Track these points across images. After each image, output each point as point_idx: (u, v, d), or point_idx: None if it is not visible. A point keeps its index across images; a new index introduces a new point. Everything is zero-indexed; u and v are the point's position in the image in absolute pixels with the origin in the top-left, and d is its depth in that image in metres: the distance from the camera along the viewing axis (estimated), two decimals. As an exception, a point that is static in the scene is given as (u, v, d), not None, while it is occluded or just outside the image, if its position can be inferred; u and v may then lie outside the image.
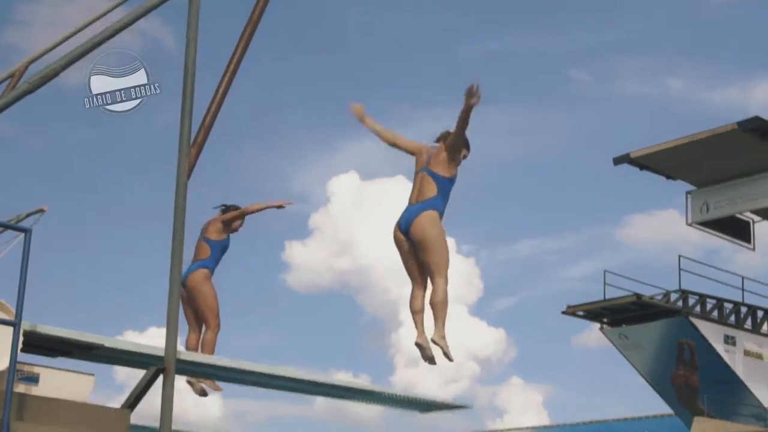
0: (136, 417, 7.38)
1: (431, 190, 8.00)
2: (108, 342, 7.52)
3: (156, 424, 6.84)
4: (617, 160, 21.78)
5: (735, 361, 21.91)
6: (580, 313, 22.52)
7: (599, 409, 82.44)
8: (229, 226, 10.31)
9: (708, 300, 22.24)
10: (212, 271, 10.08)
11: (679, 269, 21.98)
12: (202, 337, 10.11)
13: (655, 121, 59.55)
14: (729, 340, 21.95)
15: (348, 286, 73.46)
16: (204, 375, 9.19)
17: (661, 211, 67.13)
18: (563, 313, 22.53)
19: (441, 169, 8.02)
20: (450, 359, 7.94)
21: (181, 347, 7.19)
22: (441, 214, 8.03)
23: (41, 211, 6.61)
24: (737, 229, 23.23)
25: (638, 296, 21.44)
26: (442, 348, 7.90)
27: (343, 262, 68.63)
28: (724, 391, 21.93)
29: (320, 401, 69.05)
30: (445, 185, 8.03)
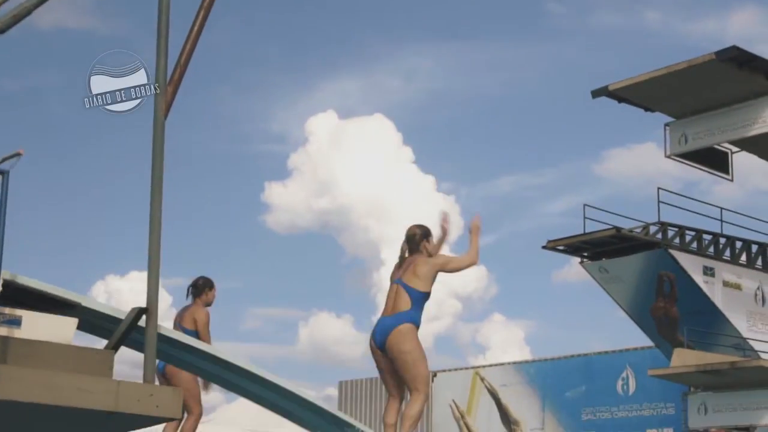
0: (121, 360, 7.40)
1: (405, 303, 7.88)
2: (85, 301, 7.58)
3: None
4: (595, 93, 21.75)
5: (714, 291, 22.07)
6: (560, 247, 22.61)
7: (580, 344, 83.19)
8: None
9: (687, 232, 22.35)
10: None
11: (658, 202, 22.07)
12: (182, 424, 10.15)
13: (632, 53, 59.50)
14: (708, 272, 22.10)
15: (328, 226, 73.50)
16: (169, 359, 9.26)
17: (640, 145, 67.27)
18: (543, 248, 22.61)
19: (417, 283, 7.95)
20: None
21: (163, 290, 7.18)
22: (417, 327, 7.88)
23: (18, 154, 6.53)
24: (715, 160, 23.29)
25: (617, 229, 21.52)
26: None
27: (323, 202, 68.63)
28: (704, 322, 22.11)
29: (302, 343, 69.22)
30: (420, 299, 7.94)
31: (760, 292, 22.98)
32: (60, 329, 6.94)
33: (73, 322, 7.02)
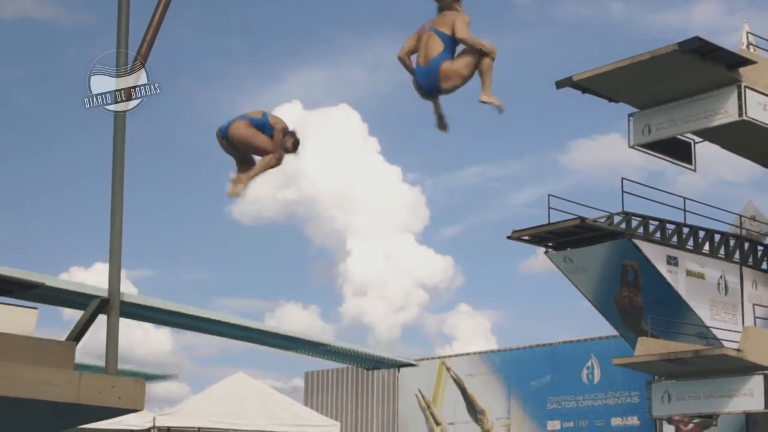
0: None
1: (437, 46, 7.79)
2: (49, 281, 7.48)
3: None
4: (559, 84, 21.81)
5: (677, 281, 22.22)
6: (525, 237, 22.69)
7: (546, 333, 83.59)
8: None
9: (651, 221, 22.47)
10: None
11: (622, 192, 22.18)
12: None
13: (596, 44, 59.73)
14: (671, 261, 22.24)
15: (294, 216, 73.36)
16: (145, 318, 9.06)
17: (604, 136, 67.55)
18: (508, 237, 22.68)
19: (447, 30, 7.83)
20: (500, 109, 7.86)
21: (128, 281, 7.15)
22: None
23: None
24: (679, 151, 23.43)
25: (582, 219, 21.61)
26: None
27: (289, 193, 68.44)
28: (667, 311, 22.26)
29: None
30: (450, 42, 7.80)
31: (722, 281, 23.15)
32: (21, 321, 6.90)
33: (34, 313, 6.98)
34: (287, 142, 8.91)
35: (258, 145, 8.71)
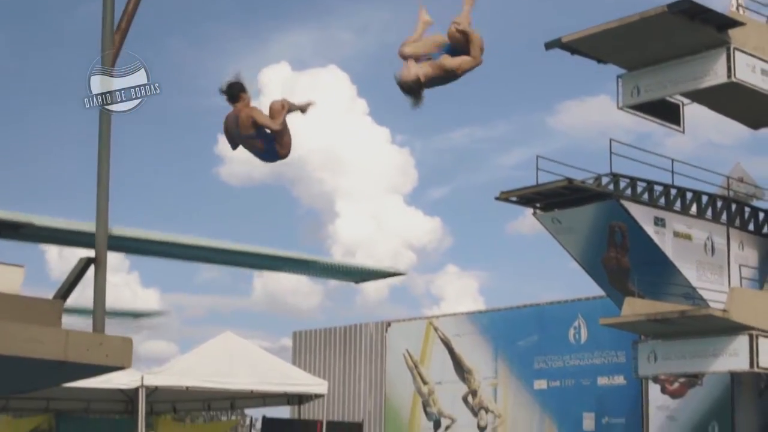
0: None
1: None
2: (37, 220, 7.46)
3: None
4: (548, 45, 21.76)
5: (665, 242, 22.29)
6: (513, 198, 22.70)
7: (533, 294, 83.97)
8: None
9: (638, 183, 22.51)
10: None
11: (610, 153, 22.19)
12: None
13: (586, 5, 59.53)
14: (659, 222, 22.30)
15: (283, 178, 73.27)
16: (137, 250, 9.00)
17: (593, 97, 67.51)
18: (496, 198, 22.69)
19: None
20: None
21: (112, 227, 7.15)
22: None
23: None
24: (667, 112, 23.43)
25: (570, 180, 21.63)
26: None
27: (277, 154, 68.15)
28: (654, 271, 22.35)
29: (257, 293, 69.12)
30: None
31: (709, 242, 23.24)
32: (7, 279, 6.89)
33: (20, 271, 6.98)
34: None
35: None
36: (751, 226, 24.53)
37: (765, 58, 21.43)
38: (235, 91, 7.97)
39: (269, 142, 7.78)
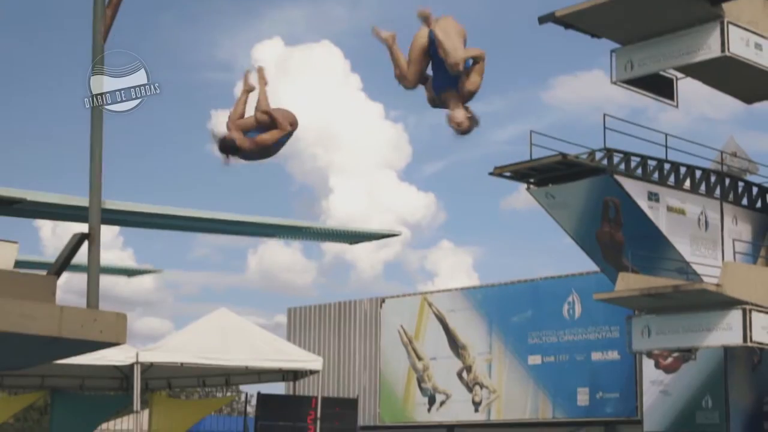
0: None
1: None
2: (30, 195, 7.44)
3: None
4: (542, 19, 21.68)
5: (658, 217, 22.30)
6: (507, 174, 22.68)
7: (527, 269, 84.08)
8: None
9: (632, 158, 22.49)
10: None
11: (604, 128, 22.16)
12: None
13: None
14: (653, 197, 22.30)
15: (276, 154, 73.22)
16: (132, 223, 8.97)
17: (587, 72, 67.41)
18: (490, 174, 22.67)
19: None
20: None
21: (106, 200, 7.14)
22: None
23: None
24: (661, 87, 23.39)
25: (564, 155, 21.61)
26: None
27: (271, 131, 68.10)
28: (648, 246, 22.38)
29: (251, 270, 69.10)
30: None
31: (703, 216, 23.26)
32: (1, 255, 6.88)
33: (14, 247, 6.95)
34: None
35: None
36: (744, 201, 24.56)
37: (759, 32, 21.39)
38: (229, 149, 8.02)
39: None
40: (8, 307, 6.31)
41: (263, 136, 7.81)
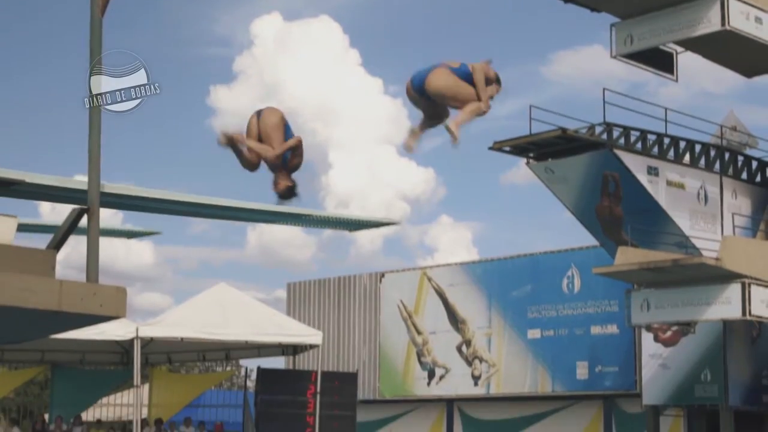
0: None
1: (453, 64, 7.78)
2: (29, 177, 7.42)
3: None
4: (542, -6, 21.62)
5: (658, 191, 22.29)
6: (507, 148, 22.65)
7: (527, 244, 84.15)
8: None
9: (632, 132, 22.46)
10: None
11: (604, 102, 22.11)
12: None
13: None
14: (652, 171, 22.29)
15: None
16: (131, 207, 8.98)
17: (587, 47, 67.23)
18: (490, 148, 22.64)
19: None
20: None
21: (104, 182, 7.14)
22: None
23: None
24: (661, 61, 23.33)
25: (563, 130, 21.57)
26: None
27: (270, 106, 68.00)
28: (648, 220, 22.38)
29: (251, 246, 69.12)
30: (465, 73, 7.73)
31: (702, 191, 23.26)
32: (0, 229, 6.87)
33: (14, 222, 6.95)
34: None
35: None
36: (744, 175, 24.54)
37: (759, 5, 21.32)
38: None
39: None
40: (8, 281, 6.32)
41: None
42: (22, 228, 7.64)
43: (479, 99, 7.83)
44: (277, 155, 7.90)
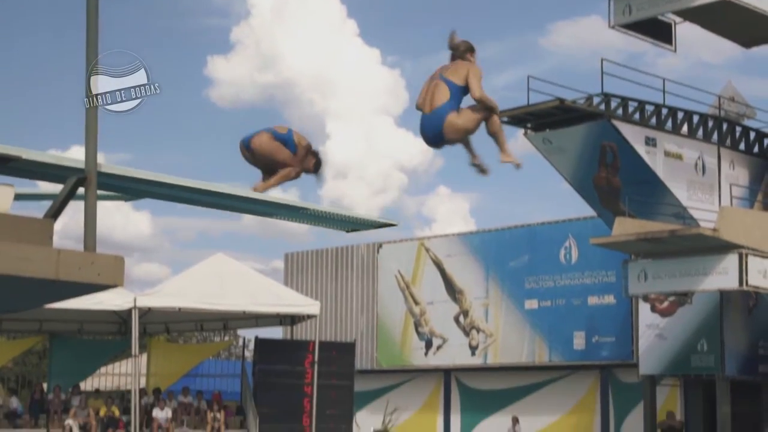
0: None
1: (444, 95, 7.73)
2: (26, 154, 7.39)
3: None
4: (540, -37, 21.56)
5: (655, 161, 22.30)
6: (504, 118, 22.57)
7: (525, 214, 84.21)
8: None
9: (630, 102, 22.44)
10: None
11: (602, 73, 22.07)
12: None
13: (578, -75, 58.83)
14: (650, 142, 22.28)
15: (273, 100, 72.85)
16: (128, 190, 9.00)
17: (585, 17, 67.04)
18: (488, 119, 22.58)
19: (457, 79, 7.79)
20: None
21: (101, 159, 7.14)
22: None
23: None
24: (659, 31, 23.29)
25: (561, 100, 21.55)
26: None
27: (268, 76, 67.81)
28: (645, 191, 22.39)
29: (249, 216, 69.30)
30: (458, 93, 7.76)
31: (700, 161, 23.27)
32: (-4, 197, 6.86)
33: (10, 191, 6.93)
34: (309, 162, 9.06)
35: (280, 160, 8.86)
36: (742, 146, 24.55)
37: (758, -25, 21.27)
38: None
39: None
40: (5, 250, 6.30)
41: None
42: (20, 197, 7.62)
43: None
44: (297, 155, 8.76)
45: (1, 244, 6.35)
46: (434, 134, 7.76)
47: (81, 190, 7.34)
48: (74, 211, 7.85)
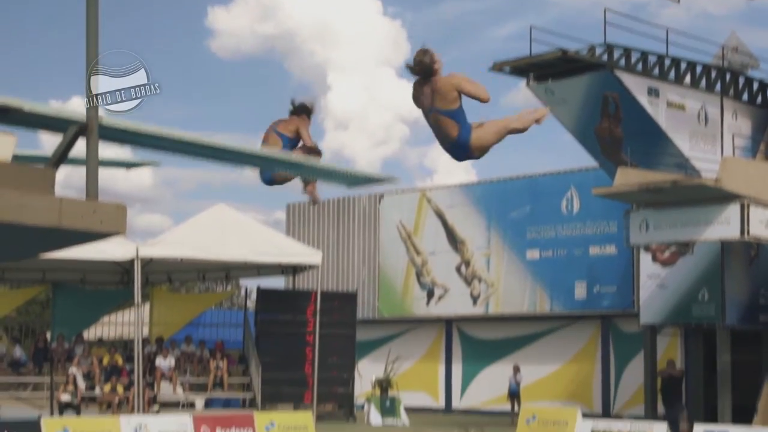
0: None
1: (452, 127, 7.52)
2: (27, 106, 7.37)
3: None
4: None
5: (658, 112, 22.24)
6: (507, 69, 22.55)
7: (526, 165, 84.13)
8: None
9: (633, 53, 22.34)
10: None
11: (605, 23, 21.96)
12: None
13: None
14: (652, 92, 22.21)
15: (274, 51, 72.54)
16: (129, 142, 8.92)
17: (588, -34, 66.52)
18: (490, 69, 22.55)
19: (450, 104, 7.53)
20: None
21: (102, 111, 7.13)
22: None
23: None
24: (663, -20, 23.18)
25: (564, 51, 21.47)
26: None
27: (268, 27, 67.48)
28: (647, 141, 22.36)
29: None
30: (461, 115, 7.57)
31: (703, 112, 23.20)
32: (-2, 147, 6.85)
33: (12, 140, 6.93)
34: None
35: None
36: (745, 96, 24.46)
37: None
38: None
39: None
40: (7, 197, 6.31)
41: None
42: (21, 159, 7.60)
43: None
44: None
45: (3, 192, 6.35)
46: (465, 157, 7.69)
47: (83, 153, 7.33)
48: (77, 166, 7.85)
